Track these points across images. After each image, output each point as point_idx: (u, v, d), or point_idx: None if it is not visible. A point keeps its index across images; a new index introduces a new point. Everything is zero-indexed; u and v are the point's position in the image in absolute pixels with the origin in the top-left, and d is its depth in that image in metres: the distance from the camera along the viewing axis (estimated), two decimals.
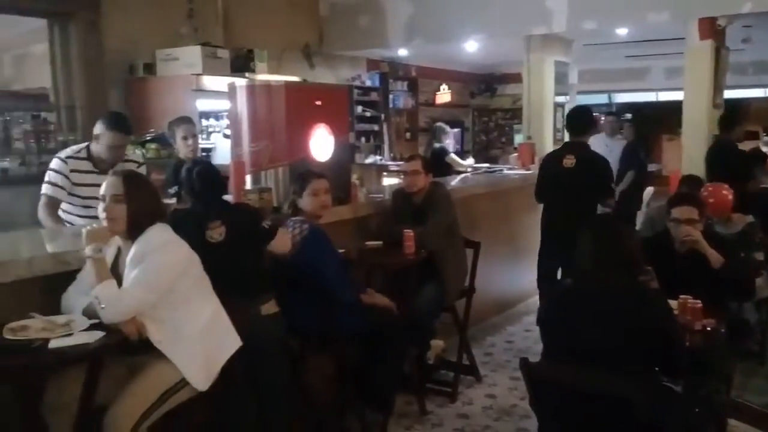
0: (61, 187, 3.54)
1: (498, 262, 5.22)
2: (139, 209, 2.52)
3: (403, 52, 9.46)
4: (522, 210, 5.93)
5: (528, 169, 6.40)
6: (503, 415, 3.86)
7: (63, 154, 3.65)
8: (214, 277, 2.65)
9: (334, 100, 4.02)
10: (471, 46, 8.37)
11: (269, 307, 3.02)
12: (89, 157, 3.61)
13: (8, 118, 5.40)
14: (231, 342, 2.65)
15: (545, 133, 7.49)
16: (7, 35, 6.58)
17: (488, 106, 13.14)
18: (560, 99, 7.73)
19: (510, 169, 6.80)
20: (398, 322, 3.47)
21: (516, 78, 10.95)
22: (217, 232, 2.92)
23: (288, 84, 4.00)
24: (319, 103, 3.80)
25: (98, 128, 3.58)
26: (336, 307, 3.15)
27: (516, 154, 7.06)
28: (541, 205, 4.86)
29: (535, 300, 5.89)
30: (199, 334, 2.54)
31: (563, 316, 2.50)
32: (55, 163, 3.60)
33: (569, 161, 4.64)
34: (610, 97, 13.33)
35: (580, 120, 4.90)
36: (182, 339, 2.50)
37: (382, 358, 3.35)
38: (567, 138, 7.38)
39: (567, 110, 7.77)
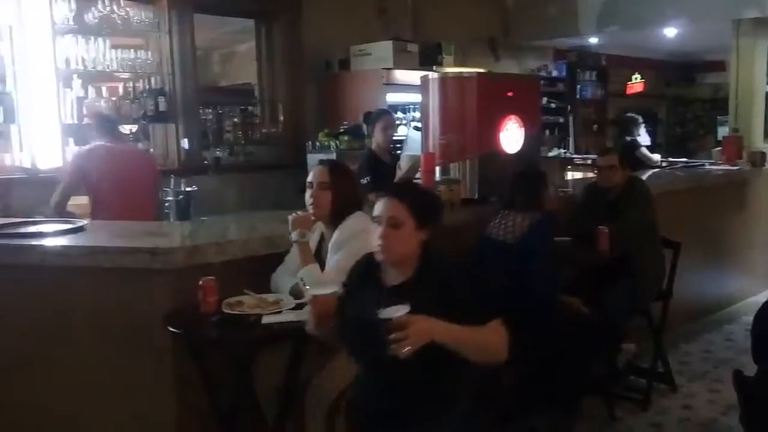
0: None
1: (698, 265, 4.82)
2: (341, 196, 2.66)
3: (593, 40, 9.06)
4: (727, 210, 5.45)
5: (734, 165, 5.85)
6: (702, 430, 3.58)
7: None
8: None
9: (525, 92, 3.96)
10: (670, 32, 7.84)
11: None
12: None
13: (221, 111, 5.92)
14: None
15: (754, 125, 6.81)
16: (216, 35, 7.21)
17: (685, 96, 12.20)
18: None
19: (712, 164, 6.26)
20: (588, 322, 3.35)
21: (719, 66, 10.07)
22: None
23: (480, 75, 4.00)
24: (510, 94, 3.76)
25: None
26: (529, 301, 3.10)
27: (719, 148, 6.48)
28: (749, 205, 4.73)
29: (737, 307, 5.41)
30: None
31: None
32: None
33: None
34: None
35: None
36: None
37: (570, 357, 3.25)
38: None
39: None
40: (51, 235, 2.79)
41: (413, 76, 5.84)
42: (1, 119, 4.63)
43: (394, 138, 5.05)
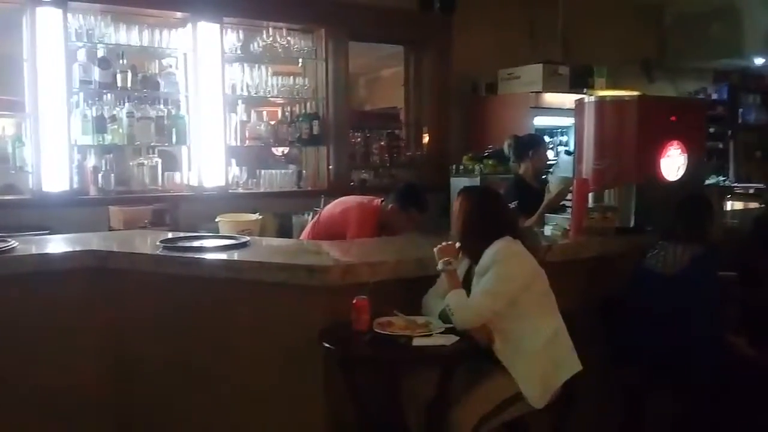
0: None
1: None
2: (467, 223, 2.68)
3: (758, 61, 8.42)
4: None
5: None
6: None
7: None
8: None
9: (690, 116, 3.74)
10: None
11: None
12: None
13: (368, 134, 6.09)
14: (570, 365, 2.61)
15: None
16: (364, 61, 7.43)
17: None
18: None
19: None
20: (755, 365, 3.08)
21: None
22: None
23: (641, 99, 3.84)
24: (674, 118, 3.57)
25: None
26: (690, 335, 2.90)
27: None
28: None
29: None
30: (539, 350, 2.56)
31: None
32: None
33: None
34: None
35: None
36: (521, 352, 2.54)
37: (734, 403, 3.01)
38: None
39: None
40: (219, 250, 2.98)
41: (562, 100, 5.72)
42: (174, 141, 5.05)
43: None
